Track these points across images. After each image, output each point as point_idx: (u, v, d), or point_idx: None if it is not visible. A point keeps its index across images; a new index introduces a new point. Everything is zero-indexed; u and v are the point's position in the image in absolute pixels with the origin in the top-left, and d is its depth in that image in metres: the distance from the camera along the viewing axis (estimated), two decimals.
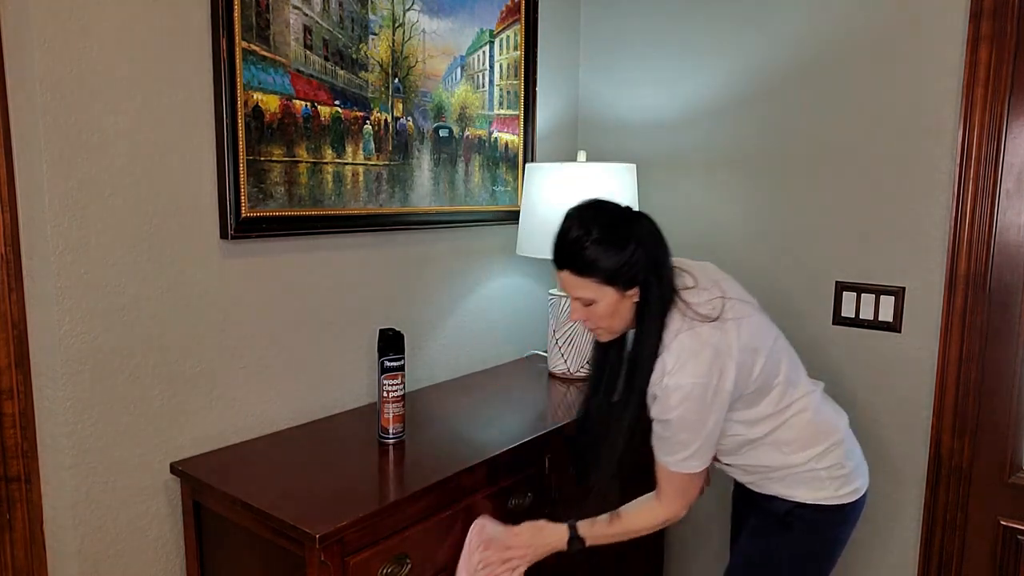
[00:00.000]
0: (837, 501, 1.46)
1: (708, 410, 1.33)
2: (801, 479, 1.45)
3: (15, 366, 1.32)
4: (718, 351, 1.33)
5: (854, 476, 1.48)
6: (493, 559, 1.41)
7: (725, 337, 1.34)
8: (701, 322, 1.35)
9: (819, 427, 1.46)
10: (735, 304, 1.41)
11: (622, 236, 1.36)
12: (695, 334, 1.33)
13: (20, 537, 1.36)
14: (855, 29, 1.92)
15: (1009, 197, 1.75)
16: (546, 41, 2.31)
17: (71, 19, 1.25)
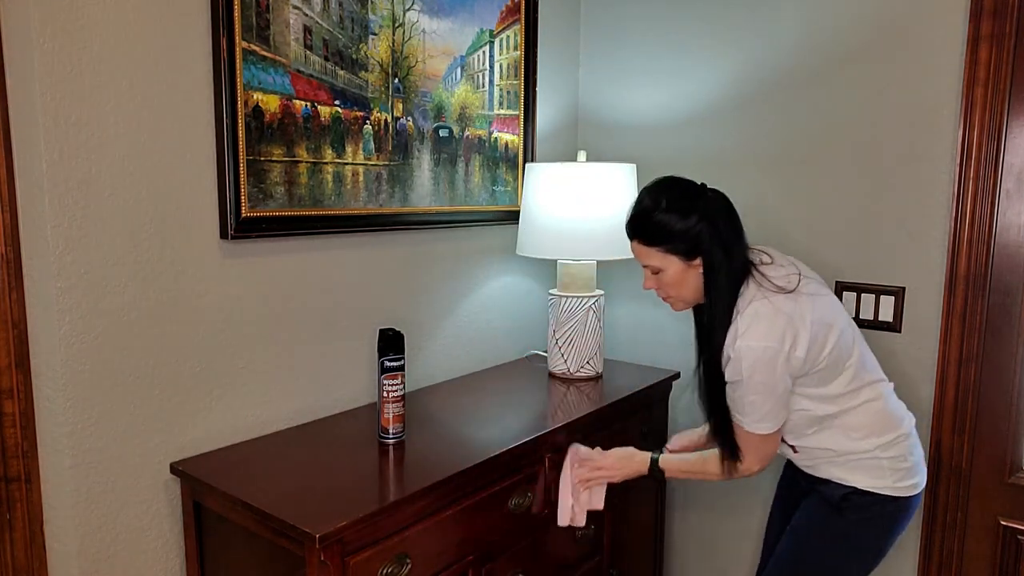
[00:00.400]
0: (894, 492, 1.48)
1: (778, 375, 1.39)
2: (862, 465, 1.48)
3: (15, 366, 1.32)
4: (791, 319, 1.38)
5: (914, 472, 1.51)
6: (587, 475, 1.64)
7: (799, 307, 1.40)
8: (776, 292, 1.42)
9: (889, 417, 1.50)
10: (811, 282, 1.49)
11: (687, 208, 1.44)
12: (769, 302, 1.40)
13: (20, 537, 1.36)
14: (855, 29, 1.92)
15: (1009, 197, 1.75)
16: (546, 41, 2.31)
17: (71, 19, 1.25)
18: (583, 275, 2.09)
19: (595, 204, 1.97)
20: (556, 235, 1.98)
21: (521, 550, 1.62)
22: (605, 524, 1.93)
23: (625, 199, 2.03)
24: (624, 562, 2.06)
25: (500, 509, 1.55)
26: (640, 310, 2.42)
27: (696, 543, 2.38)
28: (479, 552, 1.51)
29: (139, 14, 1.34)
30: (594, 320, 2.09)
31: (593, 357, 2.10)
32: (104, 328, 1.35)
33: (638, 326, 2.43)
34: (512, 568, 1.60)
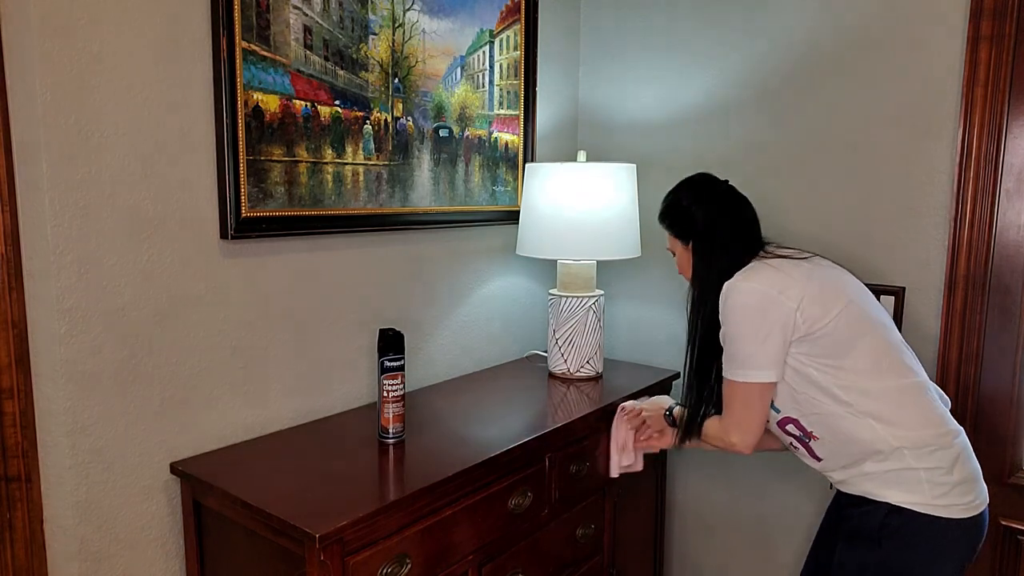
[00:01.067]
0: (934, 511, 1.35)
1: (766, 320, 1.39)
2: (895, 478, 1.37)
3: (15, 366, 1.32)
4: (786, 274, 1.43)
5: (962, 490, 1.37)
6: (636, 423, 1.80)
7: (799, 267, 1.45)
8: (776, 259, 1.48)
9: (922, 414, 1.38)
10: (828, 262, 1.52)
11: (693, 198, 1.59)
12: (765, 263, 1.47)
13: (20, 537, 1.36)
14: (855, 29, 1.92)
15: (1009, 197, 1.75)
16: (546, 41, 2.31)
17: (71, 19, 1.25)
18: (583, 275, 2.09)
19: (595, 204, 1.97)
20: (556, 235, 1.98)
21: (521, 550, 1.62)
22: (605, 524, 1.94)
23: (625, 199, 2.03)
24: (624, 562, 2.06)
25: (500, 509, 1.55)
26: (640, 310, 2.42)
27: (696, 543, 2.38)
28: (479, 552, 1.51)
29: (139, 14, 1.34)
30: (594, 320, 2.09)
31: (593, 357, 2.10)
32: (104, 328, 1.35)
33: (638, 326, 2.43)
34: (512, 568, 1.60)
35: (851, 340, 1.40)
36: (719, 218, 1.55)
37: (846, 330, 1.40)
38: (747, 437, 1.47)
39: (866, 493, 1.41)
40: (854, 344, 1.40)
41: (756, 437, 1.48)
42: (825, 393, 1.41)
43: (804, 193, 2.04)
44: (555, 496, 1.72)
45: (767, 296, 1.40)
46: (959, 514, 1.36)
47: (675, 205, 1.62)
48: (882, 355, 1.42)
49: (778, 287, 1.40)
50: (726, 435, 1.50)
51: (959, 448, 1.39)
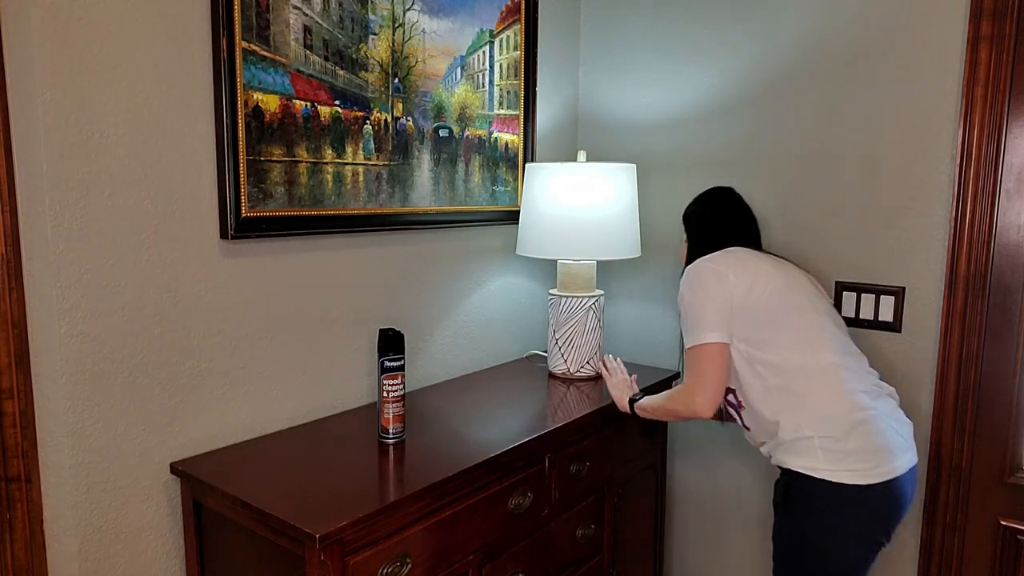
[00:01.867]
0: (828, 476, 1.47)
1: (711, 290, 1.60)
2: (796, 447, 1.52)
3: (15, 366, 1.32)
4: (738, 258, 1.65)
5: (857, 458, 1.47)
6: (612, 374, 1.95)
7: (754, 256, 1.67)
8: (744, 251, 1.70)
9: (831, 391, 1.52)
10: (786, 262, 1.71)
11: (694, 200, 1.86)
12: (729, 250, 1.69)
13: (20, 537, 1.36)
14: (855, 29, 1.92)
15: (1009, 197, 1.75)
16: (546, 41, 2.31)
17: (71, 19, 1.25)
18: (583, 275, 2.09)
19: (595, 204, 1.97)
20: (556, 235, 1.98)
21: (521, 550, 1.62)
22: (605, 524, 1.94)
23: (625, 199, 2.03)
24: (624, 562, 2.06)
25: (500, 509, 1.55)
26: (640, 310, 2.42)
27: (696, 543, 2.38)
28: (479, 552, 1.51)
29: (139, 14, 1.34)
30: (594, 320, 2.09)
31: (593, 357, 2.10)
32: (104, 328, 1.35)
33: (638, 326, 2.43)
34: (512, 568, 1.60)
35: (778, 319, 1.58)
36: (707, 216, 1.80)
37: (775, 309, 1.58)
38: (709, 395, 1.58)
39: (780, 463, 1.57)
40: (779, 322, 1.58)
41: (717, 396, 1.59)
42: (748, 364, 1.58)
43: (804, 192, 2.04)
44: (555, 496, 1.72)
45: (714, 271, 1.61)
46: (853, 479, 1.46)
47: (688, 208, 1.87)
48: (804, 337, 1.57)
49: (730, 268, 1.61)
50: (690, 397, 1.60)
51: (860, 421, 1.50)
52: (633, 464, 2.05)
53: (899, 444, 1.52)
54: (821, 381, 1.54)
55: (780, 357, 1.56)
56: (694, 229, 1.81)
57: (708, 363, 1.58)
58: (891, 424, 1.54)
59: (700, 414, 1.59)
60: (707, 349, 1.58)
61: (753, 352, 1.57)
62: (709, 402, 1.58)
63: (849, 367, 1.57)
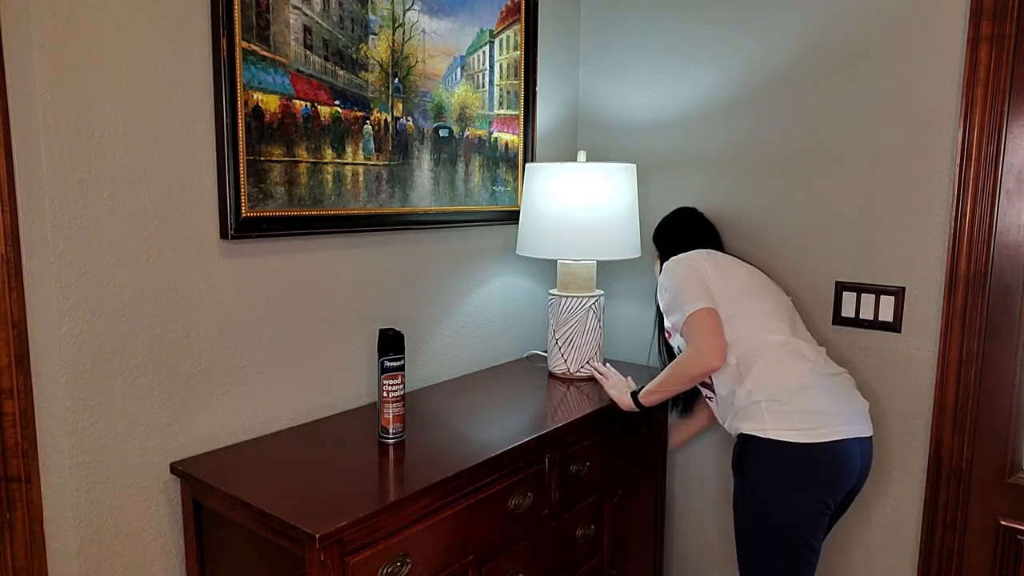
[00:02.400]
0: (772, 435, 1.60)
1: (689, 273, 1.77)
2: (746, 412, 1.65)
3: (15, 366, 1.32)
4: (703, 254, 1.85)
5: (799, 417, 1.59)
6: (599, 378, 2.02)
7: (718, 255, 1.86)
8: None
9: (783, 364, 1.66)
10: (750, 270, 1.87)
11: (660, 223, 2.07)
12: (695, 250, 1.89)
13: (20, 537, 1.36)
14: (855, 29, 1.92)
15: (1009, 197, 1.75)
16: (546, 41, 2.31)
17: (71, 19, 1.25)
18: (583, 275, 2.09)
19: (595, 204, 1.97)
20: (556, 235, 1.98)
21: (521, 550, 1.62)
22: (605, 524, 1.94)
23: (625, 199, 2.03)
24: (624, 562, 2.06)
25: (500, 509, 1.55)
26: (640, 310, 2.42)
27: (696, 543, 2.38)
28: (479, 552, 1.51)
29: (139, 14, 1.34)
30: (594, 320, 2.09)
31: (593, 357, 2.10)
32: (104, 328, 1.35)
33: (638, 326, 2.42)
34: (512, 568, 1.60)
35: (741, 303, 1.73)
36: (676, 231, 2.01)
37: (739, 296, 1.75)
38: (715, 349, 1.68)
39: (735, 430, 1.71)
40: (742, 306, 1.73)
41: (723, 351, 1.68)
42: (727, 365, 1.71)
43: (804, 192, 2.04)
44: (555, 496, 1.72)
45: (687, 260, 1.81)
46: (796, 438, 1.58)
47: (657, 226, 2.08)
48: (763, 320, 1.72)
49: (700, 261, 1.80)
50: (697, 353, 1.69)
51: (806, 386, 1.63)
52: (633, 464, 2.05)
53: (846, 412, 1.64)
54: (774, 354, 1.67)
55: (740, 335, 1.70)
56: (664, 243, 2.00)
57: (704, 324, 1.69)
58: (842, 395, 1.66)
59: (713, 367, 1.68)
60: (700, 314, 1.69)
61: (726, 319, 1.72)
62: (719, 355, 1.67)
63: (805, 350, 1.70)
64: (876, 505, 2.00)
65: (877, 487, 1.99)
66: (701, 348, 1.68)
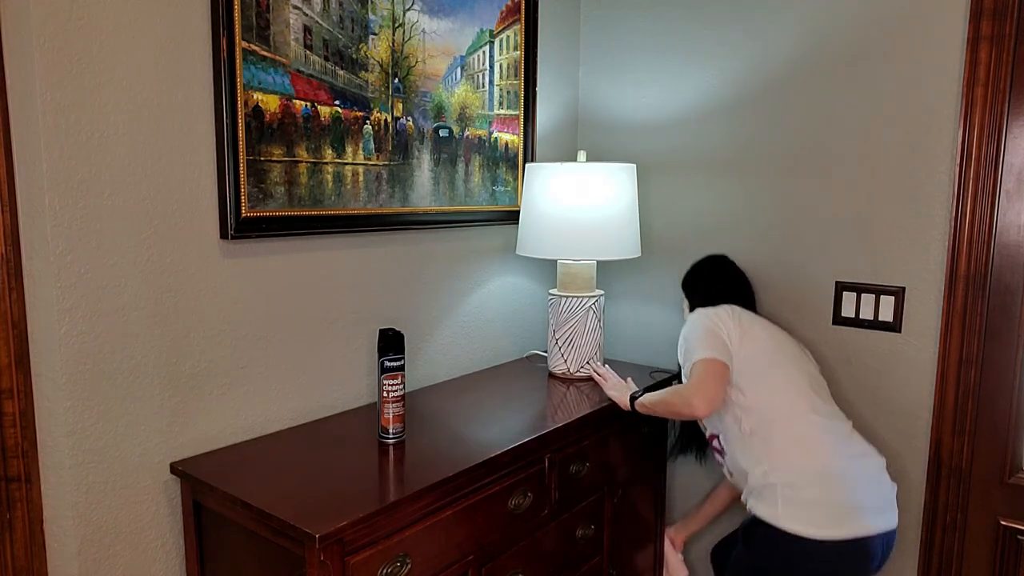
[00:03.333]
0: (787, 526, 1.52)
1: (709, 327, 1.74)
2: (760, 492, 1.61)
3: (15, 366, 1.32)
4: (727, 311, 1.80)
5: (817, 511, 1.51)
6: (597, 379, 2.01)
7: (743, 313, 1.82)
8: None
9: (803, 443, 1.60)
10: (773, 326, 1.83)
11: (691, 270, 2.03)
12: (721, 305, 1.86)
13: (20, 537, 1.36)
14: (855, 29, 1.92)
15: (1009, 197, 1.75)
16: (546, 41, 2.31)
17: (71, 19, 1.25)
18: (583, 275, 2.09)
19: (595, 204, 1.97)
20: (556, 235, 1.98)
21: (521, 550, 1.62)
22: (605, 524, 1.94)
23: (625, 199, 2.03)
24: (624, 562, 2.06)
25: (500, 509, 1.55)
26: (640, 310, 2.42)
27: (695, 544, 2.38)
28: (479, 552, 1.51)
29: (139, 14, 1.34)
30: (594, 320, 2.09)
31: (593, 357, 2.10)
32: (104, 328, 1.35)
33: (638, 326, 2.43)
34: (512, 568, 1.60)
35: (762, 370, 1.69)
36: (706, 281, 1.98)
37: (760, 361, 1.70)
38: (707, 396, 1.63)
39: (750, 508, 1.66)
40: (763, 373, 1.68)
41: (713, 402, 1.63)
42: (731, 412, 1.69)
43: (804, 192, 2.04)
44: (555, 496, 1.72)
45: (713, 319, 1.76)
46: (812, 533, 1.50)
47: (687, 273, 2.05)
48: (784, 390, 1.67)
49: (722, 318, 1.76)
50: (689, 396, 1.65)
51: (826, 474, 1.55)
52: (633, 464, 2.05)
53: (871, 504, 1.54)
54: (794, 430, 1.62)
55: (758, 403, 1.66)
56: (693, 292, 1.97)
57: (707, 372, 1.65)
58: (866, 484, 1.57)
59: (696, 413, 1.63)
60: (705, 361, 1.66)
61: (735, 396, 1.68)
62: (706, 403, 1.62)
63: (827, 427, 1.63)
64: None
65: None
66: (693, 391, 1.64)
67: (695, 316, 1.82)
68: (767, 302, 2.13)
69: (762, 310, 2.14)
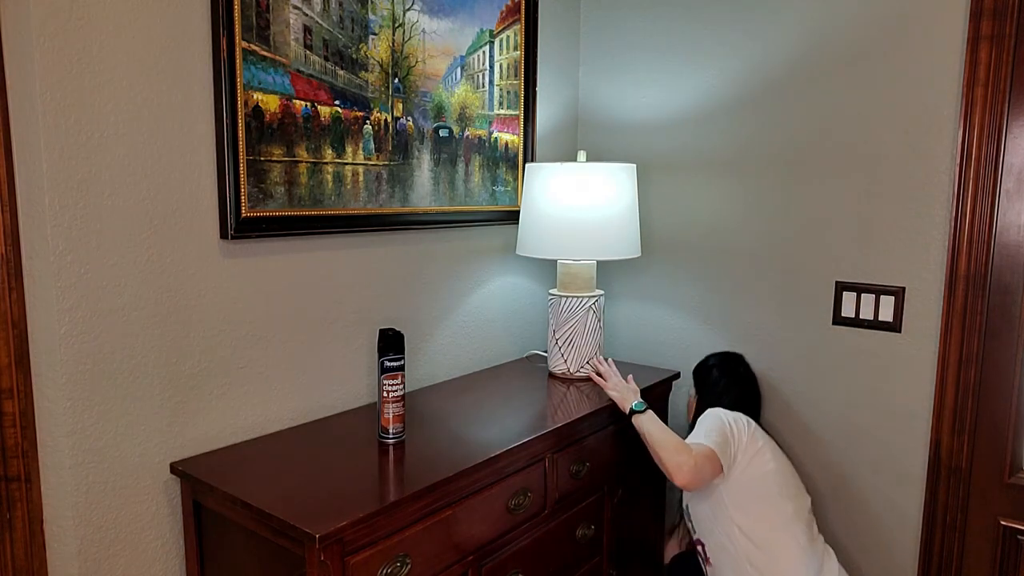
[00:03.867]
0: None
1: (724, 431, 1.76)
2: None
3: (15, 366, 1.32)
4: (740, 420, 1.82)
5: None
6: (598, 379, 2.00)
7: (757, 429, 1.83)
8: None
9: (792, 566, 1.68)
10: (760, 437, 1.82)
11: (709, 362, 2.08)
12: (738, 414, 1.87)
13: (20, 537, 1.36)
14: (855, 29, 1.92)
15: (1009, 197, 1.75)
16: (546, 41, 2.31)
17: (71, 19, 1.25)
18: (583, 275, 2.09)
19: (595, 204, 1.97)
20: (556, 235, 1.98)
21: (521, 550, 1.62)
22: (605, 524, 1.94)
23: (625, 199, 2.03)
24: (624, 563, 2.06)
25: (500, 509, 1.55)
26: (640, 310, 2.42)
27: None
28: (479, 552, 1.51)
29: (139, 14, 1.34)
30: (594, 320, 2.09)
31: (593, 357, 2.10)
32: (104, 328, 1.35)
33: (638, 326, 2.43)
34: (512, 568, 1.60)
35: (771, 497, 1.73)
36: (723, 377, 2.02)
37: (770, 487, 1.73)
38: (693, 478, 1.67)
39: None
40: (771, 501, 1.73)
41: (697, 487, 1.71)
42: (724, 527, 1.73)
43: (804, 192, 2.04)
44: (555, 496, 1.72)
45: (726, 421, 1.79)
46: None
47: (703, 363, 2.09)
48: (783, 521, 1.72)
49: (735, 423, 1.79)
50: (682, 464, 1.67)
51: None
52: (633, 464, 2.05)
53: None
54: (786, 563, 1.68)
55: (758, 531, 1.70)
56: (706, 390, 2.00)
57: (708, 460, 1.69)
58: None
59: (676, 481, 1.67)
60: (712, 454, 1.69)
61: (734, 513, 1.72)
62: (691, 484, 1.68)
63: (815, 565, 1.71)
64: (876, 505, 1.99)
65: (877, 487, 1.99)
66: (689, 465, 1.67)
67: (719, 412, 1.83)
68: (767, 302, 2.14)
69: (762, 310, 2.14)
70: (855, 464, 2.02)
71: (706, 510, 1.79)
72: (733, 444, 1.74)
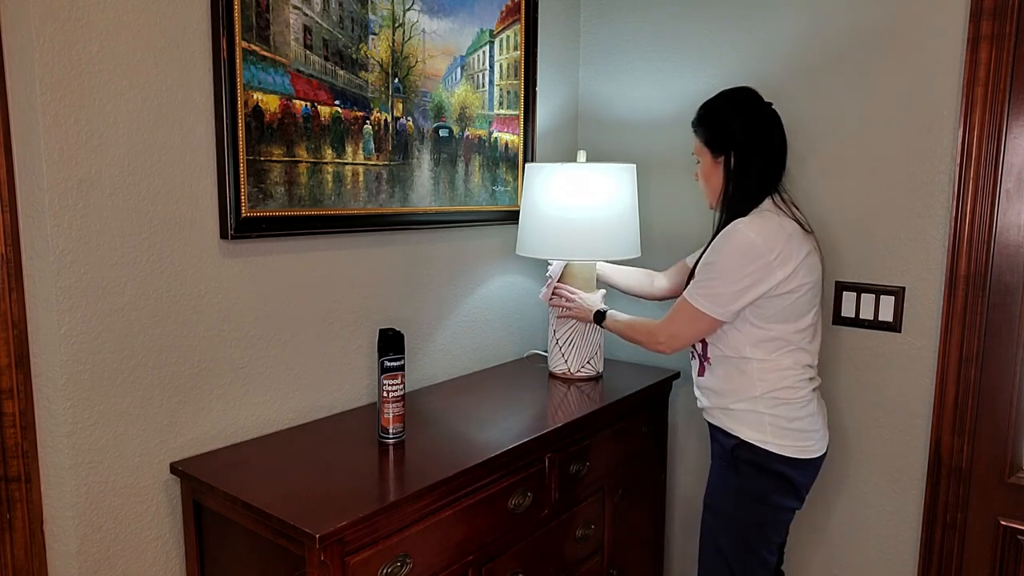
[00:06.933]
0: (778, 450, 1.60)
1: (746, 269, 1.51)
2: (746, 418, 1.62)
3: (15, 366, 1.32)
4: (791, 240, 1.53)
5: (799, 435, 1.61)
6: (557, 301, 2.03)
7: (804, 241, 1.57)
8: (792, 220, 1.58)
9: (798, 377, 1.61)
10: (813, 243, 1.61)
11: (733, 110, 1.61)
12: (781, 219, 1.57)
13: (20, 537, 1.36)
14: (854, 29, 1.92)
15: (1009, 197, 1.75)
16: (546, 41, 2.31)
17: (71, 19, 1.25)
18: (583, 275, 2.08)
19: (595, 204, 1.97)
20: (556, 235, 1.98)
21: (521, 550, 1.62)
22: (605, 524, 1.94)
23: (625, 199, 2.03)
24: (624, 562, 2.06)
25: (500, 509, 1.55)
26: (640, 310, 2.42)
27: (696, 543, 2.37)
28: (479, 552, 1.51)
29: (139, 14, 1.34)
30: None
31: (593, 357, 2.10)
32: (104, 328, 1.35)
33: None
34: (512, 568, 1.60)
35: (795, 315, 1.58)
36: (759, 140, 1.59)
37: (797, 306, 1.57)
38: (674, 344, 1.67)
39: (722, 425, 1.67)
40: (794, 319, 1.58)
41: (680, 348, 1.69)
42: (743, 342, 1.60)
43: (804, 192, 2.04)
44: (555, 496, 1.72)
45: (763, 256, 1.51)
46: (796, 454, 1.60)
47: (716, 114, 1.63)
48: (804, 333, 1.61)
49: (777, 251, 1.51)
50: (657, 334, 1.68)
51: (807, 407, 1.62)
52: (633, 464, 2.05)
53: (826, 426, 1.70)
54: (795, 379, 1.61)
55: (776, 348, 1.59)
56: (740, 159, 1.59)
57: (694, 325, 1.62)
58: (822, 409, 1.69)
59: (660, 352, 1.70)
60: (702, 316, 1.59)
61: (755, 334, 1.58)
62: (672, 348, 1.68)
63: (815, 370, 1.67)
64: (876, 505, 1.99)
65: (877, 487, 1.99)
66: (663, 333, 1.66)
67: (742, 244, 1.50)
68: None
69: None
70: (855, 463, 2.02)
71: None
72: (757, 283, 1.50)
